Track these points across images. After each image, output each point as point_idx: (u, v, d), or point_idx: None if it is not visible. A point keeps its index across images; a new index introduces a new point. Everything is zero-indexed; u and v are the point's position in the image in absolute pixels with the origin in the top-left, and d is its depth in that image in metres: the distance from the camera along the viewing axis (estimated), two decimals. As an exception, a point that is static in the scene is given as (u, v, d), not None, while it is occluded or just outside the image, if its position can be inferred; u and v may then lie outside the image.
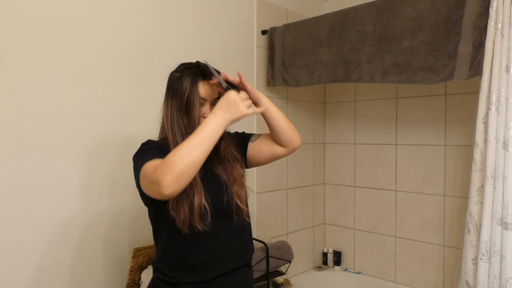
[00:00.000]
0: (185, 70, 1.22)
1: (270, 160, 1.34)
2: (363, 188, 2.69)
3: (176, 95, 1.20)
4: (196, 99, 1.17)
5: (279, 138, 1.27)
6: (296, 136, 1.29)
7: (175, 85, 1.21)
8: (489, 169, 1.64)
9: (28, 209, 1.50)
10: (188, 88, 1.17)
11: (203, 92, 1.18)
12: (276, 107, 1.27)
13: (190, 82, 1.18)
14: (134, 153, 1.19)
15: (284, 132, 1.26)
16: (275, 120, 1.25)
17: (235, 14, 2.26)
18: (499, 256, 1.62)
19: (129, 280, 1.73)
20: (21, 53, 1.47)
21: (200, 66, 1.22)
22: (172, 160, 0.99)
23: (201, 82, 1.19)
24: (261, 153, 1.32)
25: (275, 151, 1.31)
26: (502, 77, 1.61)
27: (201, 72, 1.20)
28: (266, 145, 1.31)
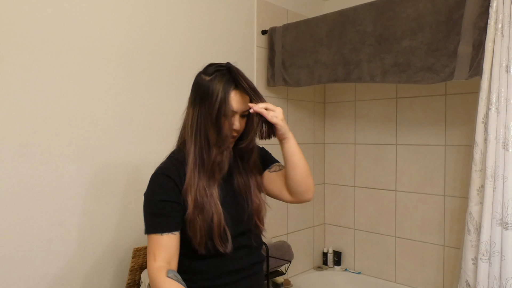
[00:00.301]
0: (216, 74, 1.10)
1: (275, 198, 1.27)
2: (363, 188, 2.69)
3: (205, 102, 1.08)
4: (228, 109, 1.06)
5: (290, 186, 1.19)
6: (308, 190, 1.19)
7: (204, 90, 1.09)
8: (489, 169, 1.64)
9: (28, 209, 1.50)
10: (220, 96, 1.06)
11: (234, 104, 1.08)
12: (300, 150, 1.17)
13: (222, 90, 1.06)
14: (148, 187, 1.13)
15: (297, 182, 1.17)
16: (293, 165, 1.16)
17: (235, 14, 2.26)
18: (499, 256, 1.62)
19: (129, 280, 1.73)
20: (21, 53, 1.47)
21: (231, 71, 1.10)
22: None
23: (234, 91, 1.08)
24: (271, 188, 1.25)
25: (282, 195, 1.24)
26: (502, 77, 1.61)
27: (233, 80, 1.09)
28: (279, 184, 1.23)
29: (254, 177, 1.19)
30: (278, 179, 1.23)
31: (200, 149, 1.09)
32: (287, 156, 1.15)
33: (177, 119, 1.93)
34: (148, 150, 1.85)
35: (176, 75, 1.95)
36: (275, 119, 1.10)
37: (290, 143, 1.14)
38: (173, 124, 1.92)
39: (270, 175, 1.24)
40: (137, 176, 1.82)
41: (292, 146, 1.14)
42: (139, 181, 1.83)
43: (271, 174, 1.24)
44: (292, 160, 1.15)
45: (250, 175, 1.19)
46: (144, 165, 1.84)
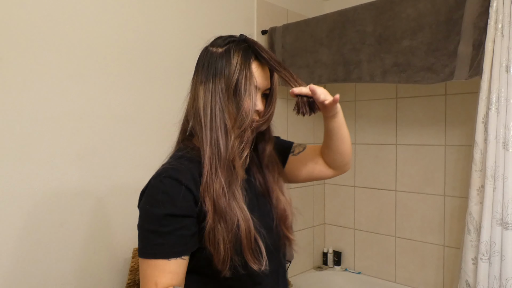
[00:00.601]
0: (230, 44, 0.90)
1: (311, 180, 1.09)
2: (363, 188, 2.69)
3: (220, 78, 0.86)
4: (251, 83, 0.86)
5: (335, 160, 1.03)
6: (350, 161, 1.05)
7: (217, 63, 0.88)
8: (489, 169, 1.64)
9: (28, 209, 1.50)
10: (239, 67, 0.86)
11: (257, 77, 0.88)
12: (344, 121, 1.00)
13: (241, 60, 0.86)
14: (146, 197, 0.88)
15: (343, 154, 1.02)
16: (340, 139, 0.99)
17: (235, 14, 2.26)
18: (499, 256, 1.62)
19: (129, 280, 1.73)
20: (20, 52, 1.47)
21: (248, 41, 0.91)
22: None
23: (254, 63, 0.88)
24: (304, 171, 1.07)
25: (322, 173, 1.07)
26: (502, 77, 1.61)
27: (252, 50, 0.89)
28: (312, 163, 1.06)
29: (273, 174, 0.97)
30: (307, 159, 1.06)
31: (216, 137, 0.84)
32: (336, 131, 0.97)
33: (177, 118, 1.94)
34: (149, 149, 1.85)
35: (176, 75, 1.95)
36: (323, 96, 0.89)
37: (339, 117, 0.96)
38: (173, 123, 1.92)
39: (297, 158, 1.07)
40: (137, 176, 1.82)
41: (341, 120, 0.97)
42: (139, 181, 1.82)
43: (298, 157, 1.07)
44: (341, 133, 0.98)
45: (268, 172, 0.97)
46: (144, 165, 1.84)
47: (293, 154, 1.08)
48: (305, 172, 1.07)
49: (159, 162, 1.21)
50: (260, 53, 0.88)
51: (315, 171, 1.06)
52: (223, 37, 0.94)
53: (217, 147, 0.84)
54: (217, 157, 0.84)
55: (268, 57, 0.88)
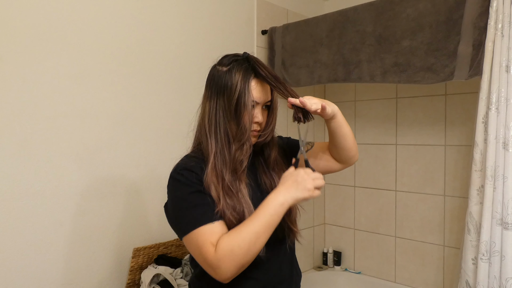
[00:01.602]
0: (233, 63, 1.01)
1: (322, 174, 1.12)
2: (363, 188, 2.69)
3: (223, 94, 0.99)
4: (248, 100, 0.98)
5: (340, 155, 1.13)
6: (356, 154, 1.14)
7: (222, 81, 1.00)
8: (489, 169, 1.64)
9: (28, 209, 1.50)
10: (239, 86, 0.98)
11: (255, 93, 0.99)
12: (345, 120, 1.09)
13: (241, 79, 0.98)
14: (171, 188, 1.00)
15: (347, 149, 1.11)
16: (342, 137, 1.08)
17: (235, 14, 2.26)
18: (499, 256, 1.62)
19: (129, 280, 1.73)
20: (21, 52, 1.47)
21: (250, 60, 1.01)
22: (237, 250, 0.88)
23: (254, 80, 1.00)
24: (314, 165, 1.14)
25: (330, 167, 1.17)
26: (502, 77, 1.61)
27: (252, 68, 1.00)
28: (321, 159, 1.16)
29: (279, 175, 1.07)
30: (316, 156, 1.17)
31: (222, 146, 0.99)
32: (337, 130, 1.07)
33: (177, 118, 1.95)
34: (148, 149, 1.85)
35: (175, 75, 1.95)
36: (315, 106, 0.99)
37: (338, 118, 1.05)
38: (173, 123, 1.92)
39: (308, 155, 1.18)
40: (138, 176, 1.82)
41: (340, 120, 1.06)
42: (140, 181, 1.83)
43: (308, 154, 1.18)
44: (342, 131, 1.08)
45: (274, 174, 1.09)
46: (144, 165, 1.84)
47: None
48: (318, 167, 1.16)
49: (159, 161, 1.23)
50: (258, 71, 0.99)
51: (324, 166, 1.16)
52: (229, 56, 1.06)
53: (222, 155, 0.99)
54: (223, 164, 0.99)
55: (266, 74, 0.99)
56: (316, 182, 0.94)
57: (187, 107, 1.94)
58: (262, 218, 0.90)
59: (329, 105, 1.02)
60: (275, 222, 0.92)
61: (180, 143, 1.32)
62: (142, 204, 1.84)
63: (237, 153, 1.00)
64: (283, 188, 0.94)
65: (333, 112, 1.03)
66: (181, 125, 1.93)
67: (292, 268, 1.12)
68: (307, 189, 0.93)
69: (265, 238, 0.91)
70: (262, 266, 1.01)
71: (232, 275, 0.91)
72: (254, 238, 0.89)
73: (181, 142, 1.35)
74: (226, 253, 0.88)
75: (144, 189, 1.83)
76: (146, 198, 1.84)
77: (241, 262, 0.90)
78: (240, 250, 0.88)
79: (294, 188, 0.93)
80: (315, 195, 0.94)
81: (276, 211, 0.91)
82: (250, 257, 0.91)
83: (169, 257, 1.79)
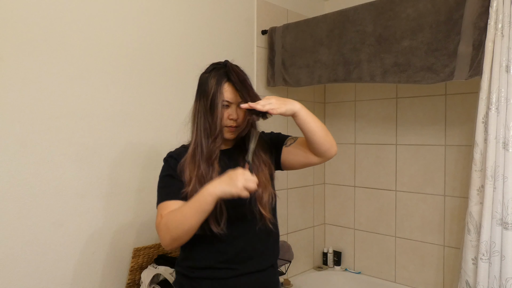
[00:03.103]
0: (212, 71, 1.22)
1: (304, 166, 1.31)
2: (363, 188, 2.69)
3: (203, 96, 1.20)
4: (219, 100, 1.16)
5: (314, 149, 1.23)
6: (331, 147, 1.23)
7: (203, 86, 1.22)
8: (489, 169, 1.64)
9: (28, 209, 1.50)
10: (213, 89, 1.17)
11: (227, 95, 1.18)
12: (312, 116, 1.19)
13: (215, 83, 1.18)
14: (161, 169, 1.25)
15: (318, 144, 1.21)
16: (309, 132, 1.19)
17: (235, 14, 2.26)
18: (499, 256, 1.62)
19: (129, 280, 1.73)
20: (21, 52, 1.47)
21: (227, 66, 1.20)
22: (169, 225, 1.11)
23: (226, 83, 1.18)
24: (295, 159, 1.29)
25: (309, 160, 1.27)
26: (502, 77, 1.61)
27: (226, 73, 1.19)
28: (301, 152, 1.27)
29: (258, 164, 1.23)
30: (298, 149, 1.28)
31: (200, 138, 1.19)
32: (302, 126, 1.18)
33: (177, 117, 1.94)
34: (148, 149, 1.85)
35: (176, 74, 1.95)
36: (268, 106, 1.12)
37: (300, 115, 1.16)
38: (173, 122, 1.92)
39: (289, 149, 1.29)
40: (137, 176, 1.82)
41: (303, 117, 1.17)
42: (139, 181, 1.83)
43: (290, 148, 1.29)
44: (307, 127, 1.18)
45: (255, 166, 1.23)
46: (144, 165, 1.84)
47: (286, 146, 1.31)
48: (296, 160, 1.29)
49: (159, 161, 1.27)
50: (229, 76, 1.18)
51: (304, 158, 1.28)
52: (213, 64, 1.25)
53: (200, 146, 1.20)
54: (200, 153, 1.19)
55: (235, 79, 1.17)
56: (247, 183, 1.05)
57: (187, 106, 1.92)
58: (192, 203, 1.08)
59: (286, 104, 1.14)
60: (204, 208, 1.07)
61: (180, 143, 1.34)
62: (142, 204, 1.84)
63: (211, 145, 1.19)
64: (218, 181, 1.08)
65: (292, 110, 1.15)
66: (181, 124, 1.93)
67: (264, 248, 1.26)
68: (236, 186, 1.04)
69: (194, 220, 1.08)
70: (228, 242, 1.20)
71: (169, 244, 1.13)
72: (182, 218, 1.09)
73: (181, 142, 1.36)
74: (163, 225, 1.13)
75: (144, 189, 1.83)
76: (146, 198, 1.84)
77: (173, 235, 1.10)
78: (171, 225, 1.10)
79: (225, 183, 1.06)
80: (243, 195, 1.05)
81: (205, 198, 1.06)
82: (181, 232, 1.09)
83: (169, 257, 1.79)
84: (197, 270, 1.23)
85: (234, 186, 1.04)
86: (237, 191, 1.04)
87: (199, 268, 1.22)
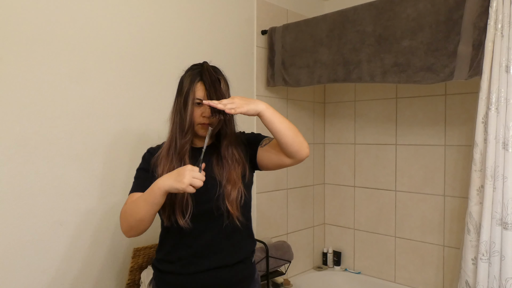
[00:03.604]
0: (189, 71, 1.28)
1: (278, 168, 1.32)
2: (363, 188, 2.69)
3: (180, 95, 1.26)
4: (190, 99, 1.22)
5: (284, 150, 1.23)
6: (301, 148, 1.22)
7: (179, 84, 1.28)
8: (489, 169, 1.64)
9: (28, 209, 1.50)
10: (187, 87, 1.23)
11: (199, 93, 1.23)
12: (279, 117, 1.20)
13: (189, 82, 1.24)
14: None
15: (287, 145, 1.21)
16: (276, 133, 1.20)
17: (235, 14, 2.26)
18: (499, 256, 1.62)
19: (129, 280, 1.74)
20: (20, 52, 1.47)
21: (203, 67, 1.25)
22: (127, 213, 1.19)
23: (199, 82, 1.23)
24: (269, 160, 1.30)
25: (281, 161, 1.27)
26: (502, 77, 1.61)
27: (199, 73, 1.24)
28: (274, 153, 1.28)
29: (230, 162, 1.27)
30: (272, 149, 1.29)
31: (174, 134, 1.25)
32: (268, 127, 1.20)
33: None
34: (148, 150, 1.85)
35: (176, 75, 1.94)
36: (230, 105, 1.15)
37: (265, 116, 1.18)
38: (173, 124, 1.92)
39: (264, 149, 1.32)
40: (137, 176, 1.82)
41: (268, 118, 1.18)
42: (139, 181, 1.82)
43: (264, 148, 1.32)
44: (273, 128, 1.19)
45: (225, 160, 1.27)
46: (144, 165, 1.84)
47: (261, 146, 1.33)
48: (269, 160, 1.31)
49: None
50: (201, 76, 1.23)
51: (276, 159, 1.29)
52: (192, 65, 1.31)
53: (174, 142, 1.25)
54: (174, 148, 1.25)
55: (206, 78, 1.22)
56: (193, 180, 1.08)
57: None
58: (145, 195, 1.15)
59: (249, 104, 1.17)
60: (153, 200, 1.12)
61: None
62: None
63: (183, 140, 1.24)
64: (167, 176, 1.12)
65: (255, 110, 1.17)
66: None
67: (230, 243, 1.28)
68: (182, 182, 1.08)
69: (144, 210, 1.14)
70: (194, 236, 1.24)
71: (126, 231, 1.21)
72: (136, 208, 1.16)
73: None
74: (122, 213, 1.21)
75: (144, 189, 1.83)
76: (146, 198, 1.84)
77: (129, 223, 1.18)
78: (128, 213, 1.18)
79: (173, 178, 1.10)
80: (188, 190, 1.09)
81: (154, 191, 1.12)
82: (134, 221, 1.17)
83: (169, 257, 1.79)
84: (164, 262, 1.28)
85: (180, 182, 1.08)
86: (183, 187, 1.08)
87: (166, 261, 1.28)
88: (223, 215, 1.24)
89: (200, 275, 1.24)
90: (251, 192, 1.34)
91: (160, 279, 1.30)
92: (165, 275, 1.28)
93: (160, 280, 1.30)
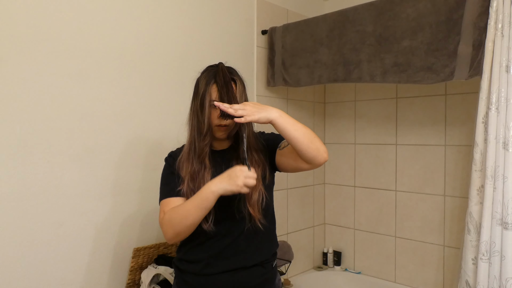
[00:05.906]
0: (204, 72, 1.26)
1: (296, 171, 1.30)
2: (363, 188, 2.69)
3: (196, 97, 1.25)
4: (206, 101, 1.20)
5: (301, 155, 1.20)
6: (318, 154, 1.18)
7: (196, 87, 1.27)
8: (489, 169, 1.64)
9: (28, 209, 1.50)
10: (203, 89, 1.22)
11: (215, 95, 1.21)
12: (293, 124, 1.16)
13: (205, 84, 1.22)
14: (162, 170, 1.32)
15: (302, 151, 1.17)
16: (291, 140, 1.16)
17: (235, 14, 2.26)
18: (499, 256, 1.62)
19: (129, 280, 1.74)
20: (21, 52, 1.47)
21: (218, 67, 1.24)
22: (173, 220, 1.17)
23: (214, 84, 1.21)
24: (287, 163, 1.28)
25: (299, 165, 1.25)
26: (502, 77, 1.61)
27: (214, 75, 1.22)
28: (291, 158, 1.26)
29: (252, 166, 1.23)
30: (290, 154, 1.26)
31: (193, 137, 1.25)
32: (282, 134, 1.17)
33: (177, 117, 1.94)
34: (148, 150, 1.85)
35: (176, 75, 1.95)
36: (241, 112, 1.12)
37: (278, 124, 1.15)
38: (173, 122, 1.92)
39: (282, 152, 1.29)
40: (138, 176, 1.82)
41: (281, 125, 1.15)
42: (140, 181, 1.83)
43: (283, 151, 1.29)
44: (287, 135, 1.16)
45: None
46: (144, 164, 1.84)
47: (280, 149, 1.31)
48: (288, 164, 1.29)
49: (159, 161, 1.28)
50: (215, 77, 1.21)
51: (294, 163, 1.27)
52: (208, 66, 1.29)
53: (193, 145, 1.25)
54: (194, 152, 1.25)
55: (219, 79, 1.20)
56: (246, 180, 1.09)
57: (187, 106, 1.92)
58: (195, 200, 1.14)
59: (261, 112, 1.13)
60: (205, 205, 1.13)
61: (180, 143, 1.35)
62: (143, 204, 1.84)
63: (202, 143, 1.24)
64: (219, 179, 1.13)
65: (267, 118, 1.14)
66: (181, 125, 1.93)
67: (247, 246, 1.27)
68: (236, 184, 1.09)
69: (196, 216, 1.14)
70: (215, 238, 1.24)
71: (172, 237, 1.20)
72: (185, 214, 1.15)
73: (181, 142, 1.36)
74: (166, 221, 1.19)
75: (144, 189, 1.83)
76: (147, 198, 1.84)
77: (176, 230, 1.17)
78: (174, 220, 1.17)
79: (226, 181, 1.10)
80: (243, 191, 1.10)
81: (207, 196, 1.12)
82: (183, 227, 1.16)
83: (169, 257, 1.79)
84: (184, 262, 1.29)
85: (235, 184, 1.08)
86: (237, 189, 1.08)
87: (186, 261, 1.29)
88: (245, 218, 1.24)
89: (218, 276, 1.25)
90: (272, 193, 1.33)
91: (180, 278, 1.31)
92: (185, 274, 1.29)
93: (180, 279, 1.31)
